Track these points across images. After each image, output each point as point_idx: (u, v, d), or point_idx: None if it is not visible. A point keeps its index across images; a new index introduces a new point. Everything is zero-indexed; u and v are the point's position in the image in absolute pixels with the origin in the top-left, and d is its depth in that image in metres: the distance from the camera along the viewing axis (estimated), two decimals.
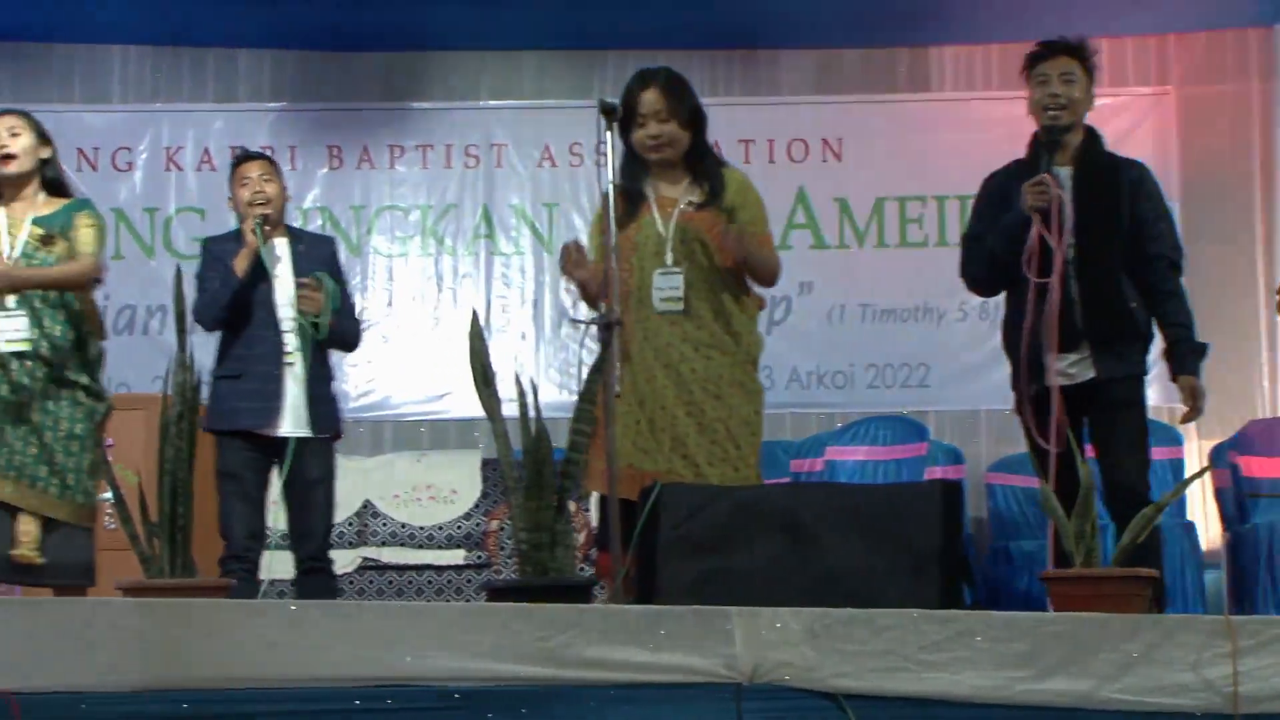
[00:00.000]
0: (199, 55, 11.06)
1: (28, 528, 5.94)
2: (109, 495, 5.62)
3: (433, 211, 10.93)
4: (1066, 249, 6.11)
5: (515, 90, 11.10)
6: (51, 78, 10.94)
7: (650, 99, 6.15)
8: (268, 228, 6.63)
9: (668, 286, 6.00)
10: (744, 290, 6.21)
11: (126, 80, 11.03)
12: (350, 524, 9.42)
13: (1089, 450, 6.14)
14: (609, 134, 5.72)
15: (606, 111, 5.73)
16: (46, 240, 6.09)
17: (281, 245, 6.77)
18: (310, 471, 6.63)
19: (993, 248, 6.33)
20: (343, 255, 7.47)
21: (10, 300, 6.01)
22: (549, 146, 10.92)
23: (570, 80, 11.07)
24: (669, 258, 6.03)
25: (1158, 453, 6.91)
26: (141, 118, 10.94)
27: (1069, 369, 6.20)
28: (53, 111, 10.57)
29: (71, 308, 6.09)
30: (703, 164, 6.25)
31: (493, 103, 11.06)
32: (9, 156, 6.09)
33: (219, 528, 6.65)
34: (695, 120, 6.23)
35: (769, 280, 6.27)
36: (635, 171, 6.18)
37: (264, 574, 6.67)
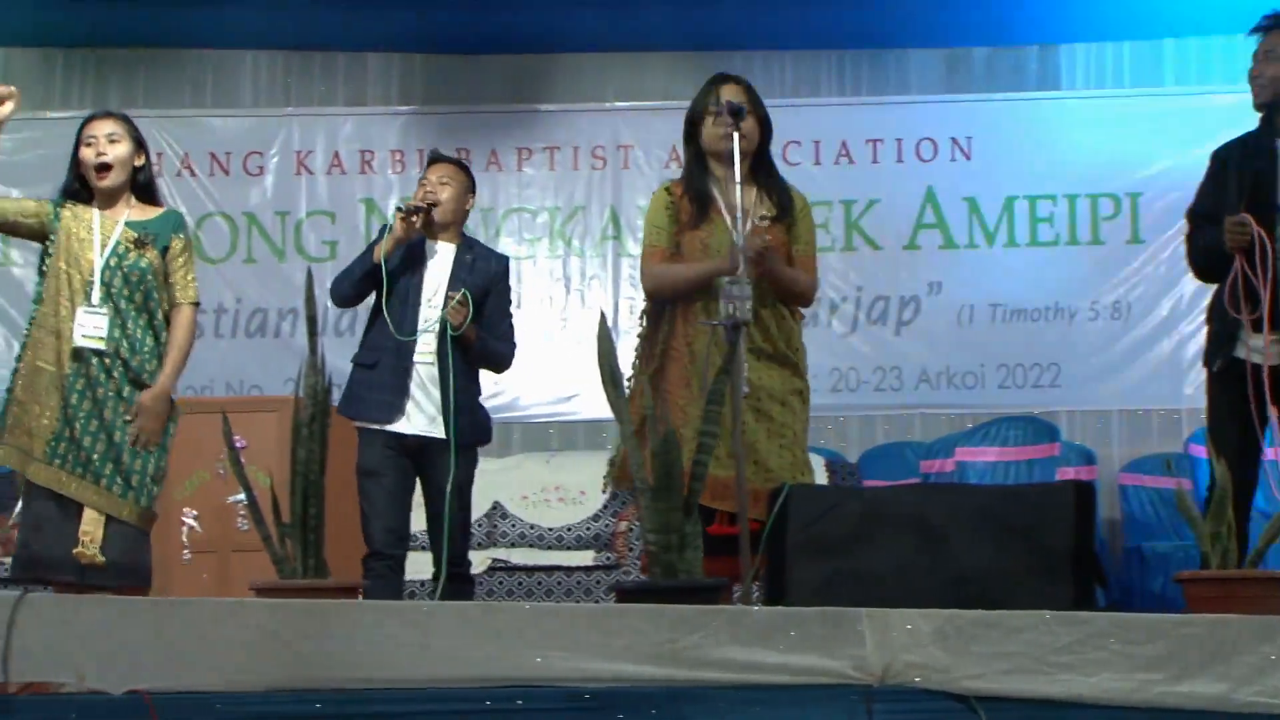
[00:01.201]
0: (329, 59, 11.15)
1: (89, 527, 5.97)
2: (242, 497, 5.67)
3: (560, 213, 10.96)
4: None
5: (642, 91, 11.10)
6: (185, 83, 11.07)
7: (730, 91, 6.13)
8: (414, 218, 6.62)
9: (739, 295, 5.97)
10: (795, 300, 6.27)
11: (258, 85, 11.14)
12: (479, 525, 9.46)
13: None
14: (735, 134, 5.72)
15: (733, 112, 5.73)
16: (139, 244, 6.13)
17: (448, 250, 6.79)
18: (443, 479, 6.59)
19: (1207, 244, 6.23)
20: None
21: (96, 296, 6.05)
22: (676, 148, 10.88)
23: (697, 81, 10.83)
24: (741, 266, 6.01)
25: None
26: (272, 122, 11.05)
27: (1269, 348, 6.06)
28: (185, 116, 10.78)
29: (154, 314, 6.13)
30: (770, 175, 6.26)
31: (620, 104, 11.08)
32: (106, 166, 6.14)
33: (361, 525, 6.67)
34: (766, 126, 6.20)
35: (801, 301, 6.31)
36: (703, 176, 6.16)
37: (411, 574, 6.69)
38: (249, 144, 11.00)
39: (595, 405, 9.57)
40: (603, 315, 4.98)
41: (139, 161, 6.24)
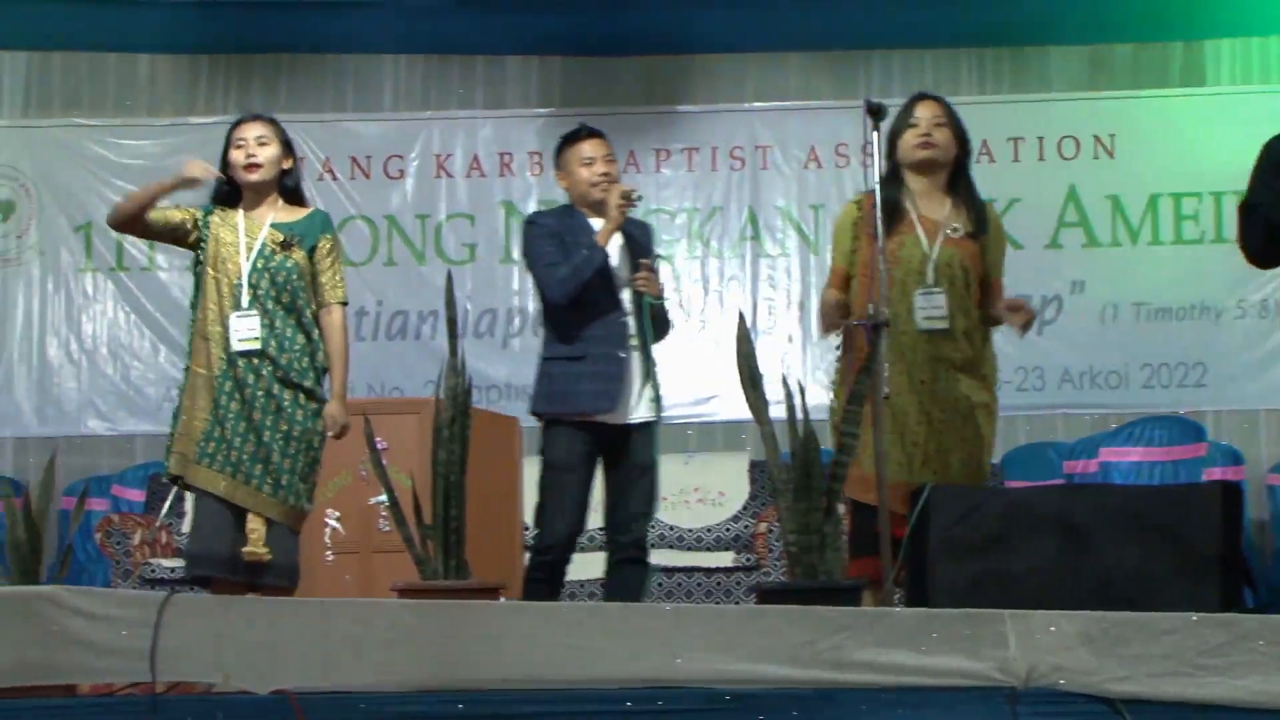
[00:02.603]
0: (468, 63, 11.20)
1: (255, 525, 6.02)
2: (383, 498, 5.71)
3: (699, 214, 10.95)
4: None
5: (780, 92, 11.07)
6: (326, 87, 11.17)
7: (929, 104, 6.20)
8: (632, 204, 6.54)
9: (930, 306, 6.00)
10: (988, 319, 6.26)
11: (398, 88, 11.22)
12: None
13: None
14: (875, 134, 5.70)
15: (873, 111, 5.70)
16: (285, 245, 6.18)
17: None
18: (643, 457, 6.48)
19: (1270, 217, 6.14)
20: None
21: (244, 299, 6.11)
22: (814, 148, 10.88)
23: (835, 80, 11.02)
24: (930, 278, 6.02)
25: None
26: (413, 125, 11.11)
27: None
28: (327, 120, 10.87)
29: (303, 314, 6.18)
30: (968, 191, 6.27)
31: (758, 104, 11.05)
32: (255, 165, 6.20)
33: (536, 518, 6.52)
34: (965, 141, 6.22)
35: (994, 322, 6.33)
36: (896, 187, 6.15)
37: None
38: (389, 147, 11.07)
39: (734, 406, 9.54)
40: (741, 316, 4.97)
41: (287, 164, 6.30)
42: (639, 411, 6.44)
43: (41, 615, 4.11)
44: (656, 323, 6.56)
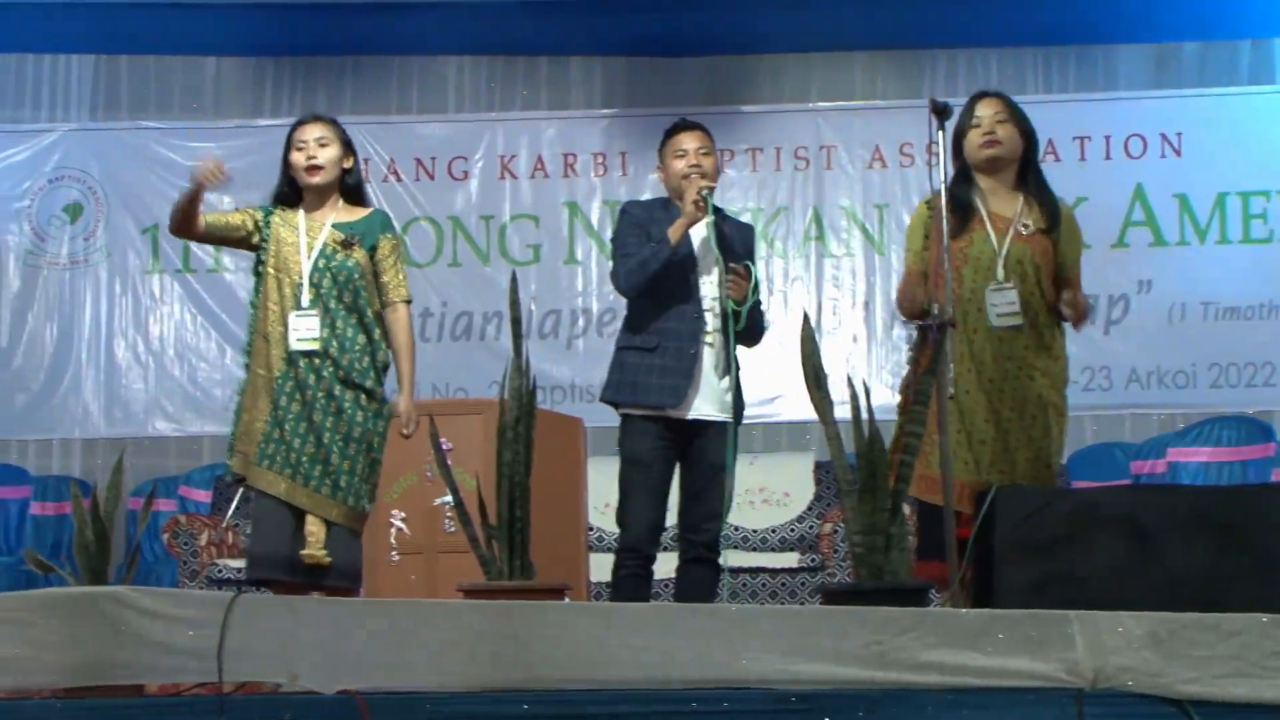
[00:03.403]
0: (532, 64, 11.23)
1: (314, 528, 6.03)
2: (448, 498, 5.72)
3: (763, 214, 10.94)
4: None
5: (845, 91, 11.06)
6: (391, 89, 11.22)
7: (990, 102, 6.17)
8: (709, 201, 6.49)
9: (1003, 302, 5.96)
10: (1058, 315, 6.19)
11: (462, 90, 11.26)
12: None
13: None
14: (940, 133, 5.67)
15: (938, 111, 5.67)
16: (346, 245, 6.19)
17: (704, 223, 6.65)
18: (717, 457, 6.42)
19: None
20: None
21: (305, 299, 6.12)
22: (879, 147, 10.86)
23: (900, 80, 11.01)
24: (1000, 274, 5.97)
25: None
26: (477, 127, 11.15)
27: None
28: (392, 122, 10.91)
29: (364, 313, 6.18)
30: (1037, 187, 6.23)
31: (822, 104, 11.04)
32: (316, 168, 6.21)
33: (617, 515, 6.49)
34: (1030, 136, 6.18)
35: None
36: (966, 186, 6.13)
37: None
38: (454, 149, 11.12)
39: (799, 407, 9.54)
40: (806, 317, 4.95)
41: (347, 164, 6.31)
42: (710, 410, 6.41)
43: (110, 615, 4.13)
44: (745, 331, 6.49)
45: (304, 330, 6.07)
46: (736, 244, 6.57)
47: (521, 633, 4.03)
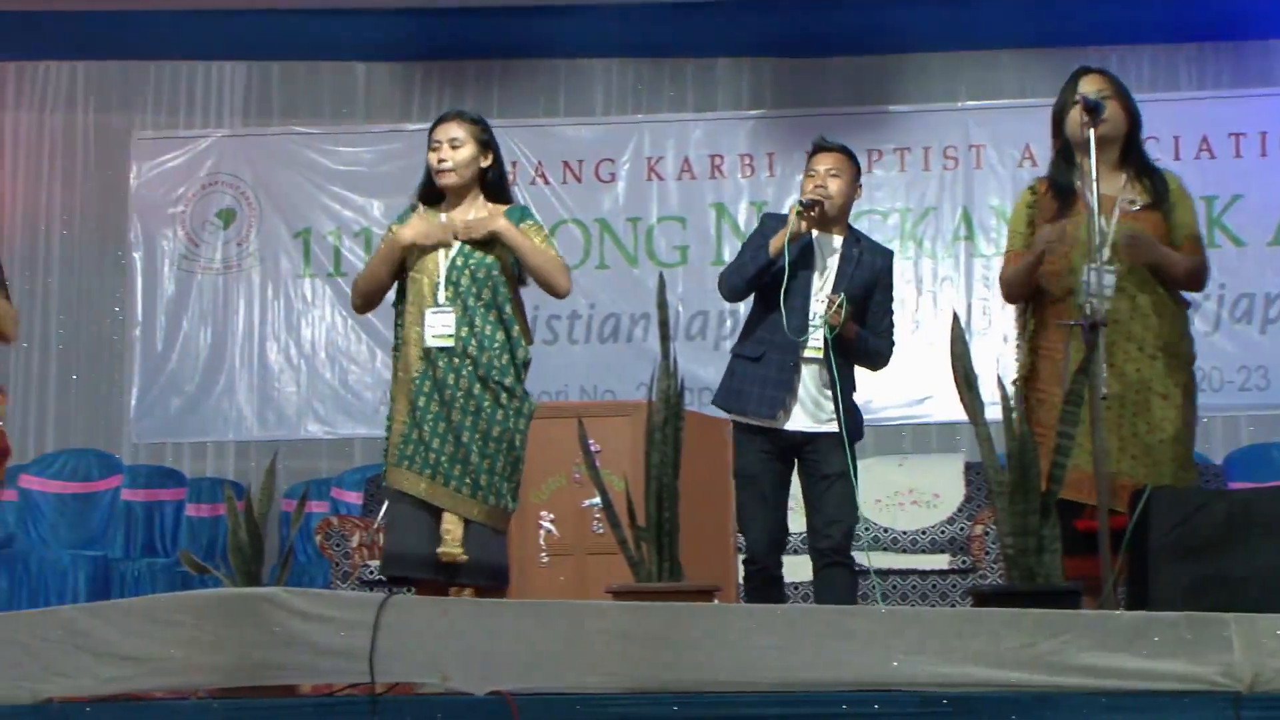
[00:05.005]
0: (679, 65, 11.25)
1: (450, 526, 6.02)
2: (597, 500, 5.72)
3: (911, 214, 10.90)
4: None
5: (994, 90, 10.99)
6: (538, 92, 11.28)
7: (1093, 78, 6.02)
8: (812, 214, 6.52)
9: (1103, 283, 5.83)
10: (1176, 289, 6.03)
11: (609, 92, 11.30)
12: None
13: None
14: (1091, 131, 5.61)
15: (1090, 109, 5.62)
16: (484, 241, 6.18)
17: (835, 243, 6.66)
18: (829, 466, 6.49)
19: None
20: None
21: (442, 296, 6.11)
22: (1029, 146, 10.76)
23: (1050, 78, 10.76)
24: (1106, 255, 5.84)
25: None
26: (624, 129, 11.19)
27: None
28: (539, 125, 10.96)
29: (503, 310, 6.16)
30: (1142, 163, 6.09)
31: (971, 103, 10.97)
32: (446, 170, 6.20)
33: (740, 526, 6.64)
34: (1134, 113, 6.05)
35: (1187, 285, 6.04)
36: (1068, 167, 6.03)
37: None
38: (601, 151, 11.16)
39: (949, 408, 9.48)
40: (956, 317, 4.91)
41: (485, 162, 6.29)
42: (810, 423, 6.47)
43: (263, 616, 4.17)
44: (861, 354, 6.67)
45: (439, 327, 6.06)
46: (863, 268, 6.65)
47: (671, 634, 4.03)
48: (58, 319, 11.28)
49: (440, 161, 6.18)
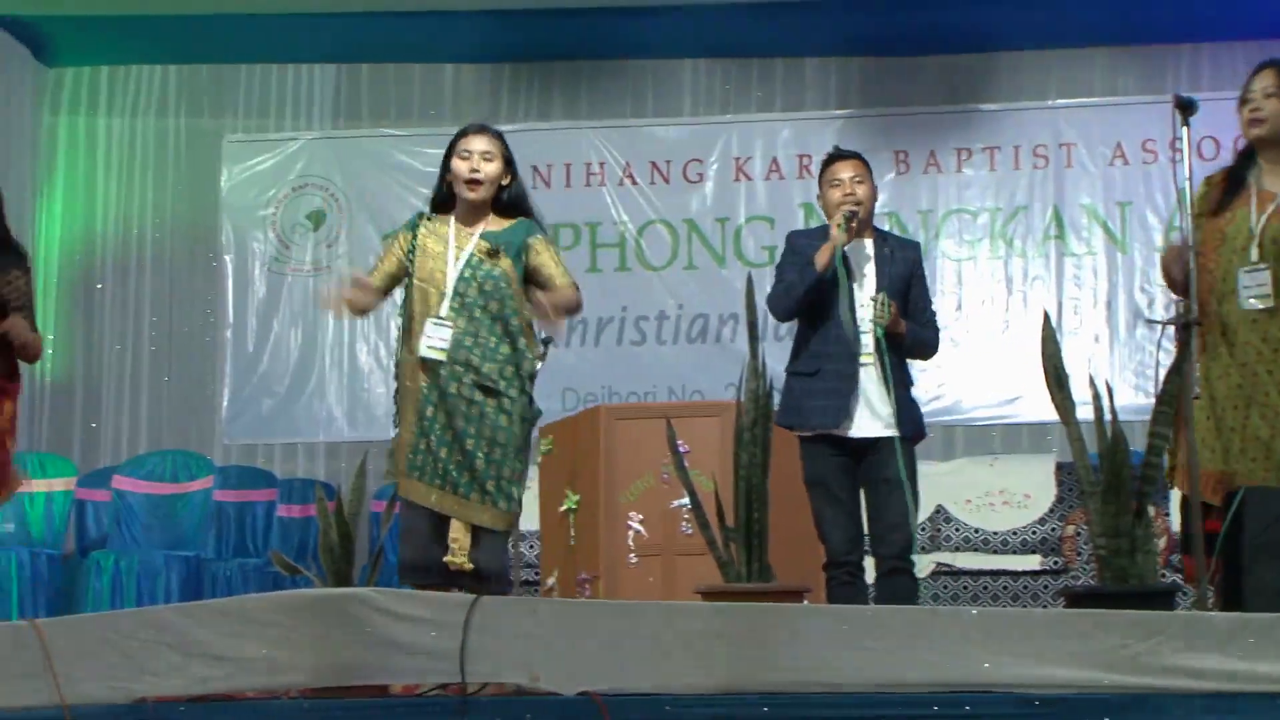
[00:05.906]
0: (767, 65, 11.23)
1: (457, 535, 6.05)
2: (686, 501, 5.72)
3: (1001, 214, 10.84)
4: None
5: (1084, 88, 10.91)
6: (626, 93, 11.28)
7: (1266, 74, 5.90)
8: (854, 225, 6.57)
9: (1254, 284, 5.73)
10: None
11: (697, 93, 11.29)
12: (923, 529, 9.40)
13: None
14: (1185, 129, 5.56)
15: (1182, 106, 5.57)
16: (492, 254, 6.18)
17: (868, 246, 6.71)
18: (889, 471, 6.43)
19: None
20: None
21: (446, 309, 6.13)
22: (1121, 144, 10.69)
23: (1142, 76, 10.83)
24: (1253, 254, 5.76)
25: None
26: (712, 129, 11.17)
27: None
28: (627, 126, 10.95)
29: (509, 322, 6.16)
30: None
31: (1061, 101, 10.90)
32: (476, 183, 6.20)
33: (818, 534, 6.58)
34: None
35: None
36: (1245, 162, 5.95)
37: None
38: (689, 152, 11.15)
39: (1039, 407, 9.40)
40: (1046, 316, 4.90)
41: (505, 180, 6.30)
42: (876, 427, 6.44)
43: (355, 617, 4.20)
44: (912, 346, 6.64)
45: (436, 339, 6.09)
46: (898, 263, 6.64)
47: (761, 635, 4.03)
48: (150, 321, 11.36)
49: (473, 171, 6.19)
